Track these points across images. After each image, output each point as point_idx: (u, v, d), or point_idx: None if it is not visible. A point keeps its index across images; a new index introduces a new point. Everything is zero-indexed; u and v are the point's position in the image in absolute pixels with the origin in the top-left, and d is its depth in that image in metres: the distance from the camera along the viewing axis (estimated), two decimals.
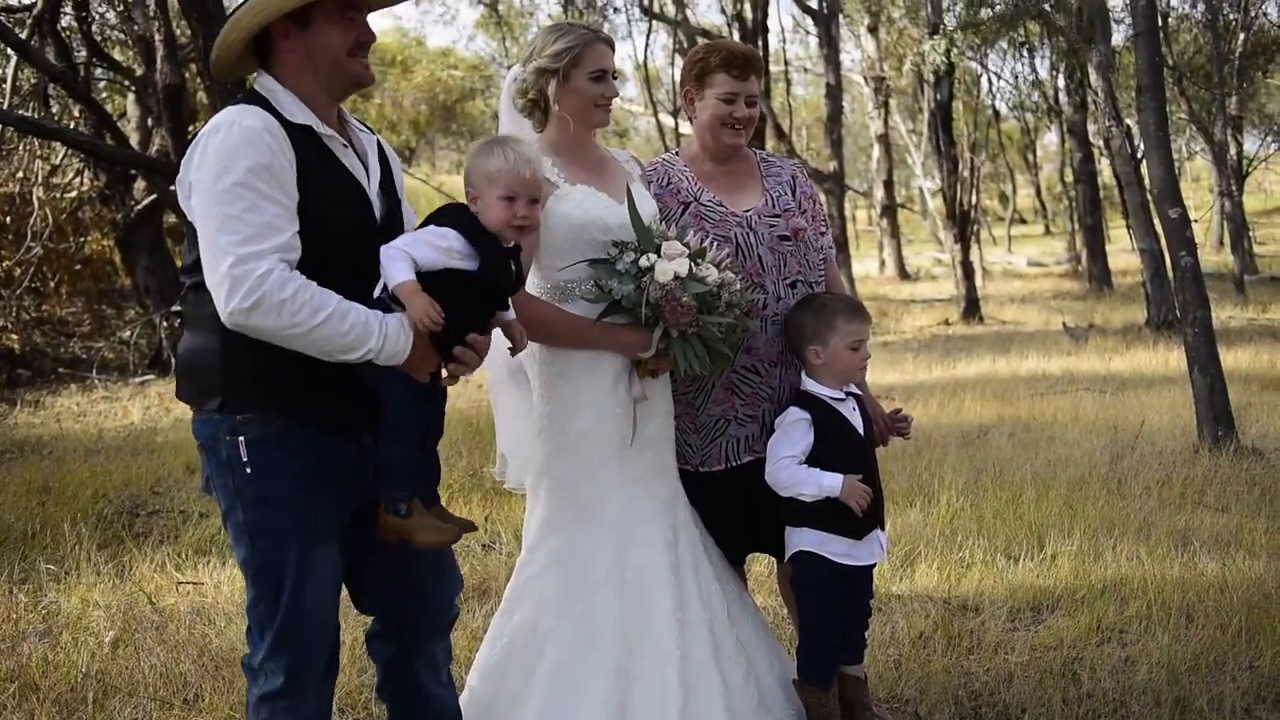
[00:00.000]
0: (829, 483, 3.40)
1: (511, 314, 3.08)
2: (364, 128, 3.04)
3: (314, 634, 2.85)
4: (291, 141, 2.73)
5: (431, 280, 2.76)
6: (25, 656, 4.48)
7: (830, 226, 4.00)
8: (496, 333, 3.08)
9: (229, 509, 2.81)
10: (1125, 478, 6.83)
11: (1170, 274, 8.54)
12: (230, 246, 2.59)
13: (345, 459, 2.84)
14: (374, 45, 2.92)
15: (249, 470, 2.76)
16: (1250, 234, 24.75)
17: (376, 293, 2.79)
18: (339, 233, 2.79)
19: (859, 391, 3.64)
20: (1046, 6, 13.56)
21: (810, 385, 3.52)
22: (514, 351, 3.11)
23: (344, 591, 3.01)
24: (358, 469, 2.87)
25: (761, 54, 20.37)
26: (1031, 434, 8.44)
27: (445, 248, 2.82)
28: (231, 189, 2.63)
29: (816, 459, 3.44)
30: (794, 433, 3.46)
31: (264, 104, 2.77)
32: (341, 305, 2.67)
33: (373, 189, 2.92)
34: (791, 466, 3.43)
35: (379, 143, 3.05)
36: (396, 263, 2.77)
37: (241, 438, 2.75)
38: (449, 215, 2.91)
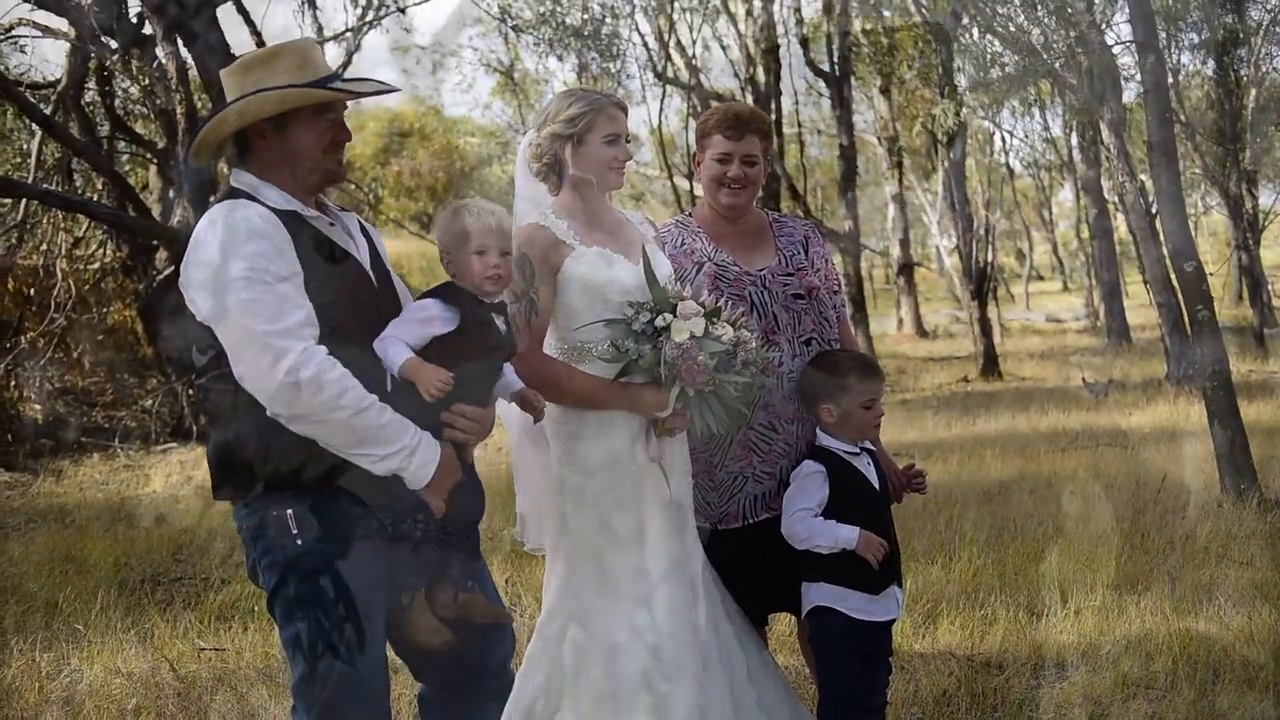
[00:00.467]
0: (845, 534, 3.40)
1: (519, 384, 3.14)
2: (341, 209, 3.12)
3: (365, 706, 2.85)
4: (283, 224, 2.80)
5: (424, 356, 2.86)
6: None
7: (845, 285, 4.05)
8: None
9: (279, 584, 2.82)
10: (1148, 532, 6.79)
11: (1188, 328, 8.53)
12: (263, 325, 2.66)
13: (385, 525, 2.86)
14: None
15: (299, 542, 2.78)
16: (1269, 287, 24.69)
17: (389, 386, 2.85)
18: (344, 301, 2.86)
19: (873, 447, 3.65)
20: (1056, 65, 13.66)
21: (825, 440, 3.54)
22: (536, 419, 3.17)
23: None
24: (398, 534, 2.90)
25: (775, 117, 20.56)
26: (1053, 489, 8.40)
27: (425, 318, 2.94)
28: (246, 274, 2.69)
29: (831, 513, 3.45)
30: (809, 485, 3.47)
31: (247, 197, 2.84)
32: (380, 403, 2.75)
33: (364, 261, 2.99)
34: (807, 519, 3.44)
35: (359, 221, 3.13)
36: (393, 348, 2.87)
37: (290, 511, 2.78)
38: (427, 292, 3.04)
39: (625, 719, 3.31)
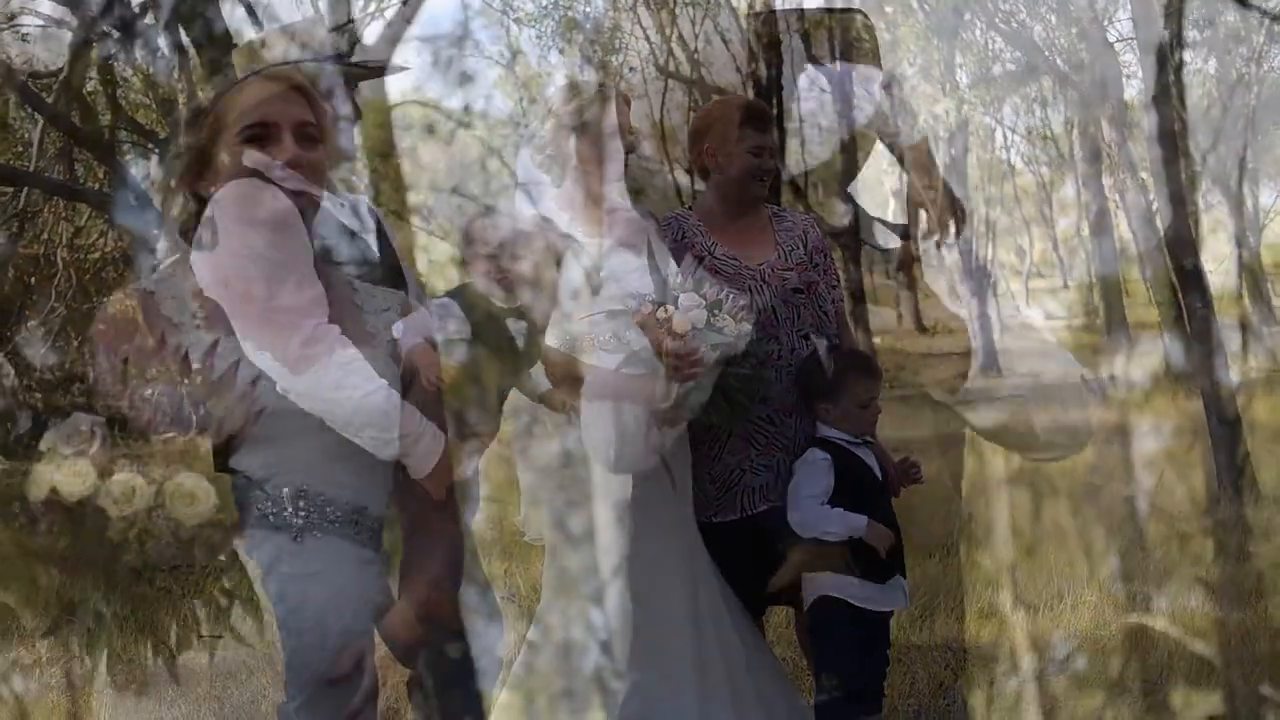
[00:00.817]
0: (853, 521, 3.42)
1: (546, 384, 3.18)
2: (347, 192, 3.14)
3: (356, 683, 2.87)
4: (292, 203, 2.81)
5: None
6: (48, 712, 4.50)
7: (845, 281, 4.07)
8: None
9: (272, 563, 2.82)
10: (1145, 527, 6.80)
11: (1188, 325, 8.55)
12: (276, 300, 2.66)
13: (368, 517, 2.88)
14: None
15: (295, 521, 2.79)
16: (1269, 284, 24.65)
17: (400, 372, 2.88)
18: (349, 281, 2.86)
19: (873, 439, 3.66)
20: (1058, 62, 13.68)
21: (826, 431, 3.56)
22: (569, 417, 3.22)
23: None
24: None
25: (776, 111, 20.55)
26: (1050, 484, 8.41)
27: (444, 316, 3.00)
28: (258, 251, 2.69)
29: (836, 502, 3.46)
30: (815, 473, 3.48)
31: (258, 176, 2.85)
32: (389, 388, 2.73)
33: (372, 243, 3.01)
34: (815, 506, 3.45)
35: (367, 204, 3.16)
36: (407, 335, 2.87)
37: (285, 489, 2.78)
38: (447, 292, 3.12)
39: (579, 718, 3.33)
